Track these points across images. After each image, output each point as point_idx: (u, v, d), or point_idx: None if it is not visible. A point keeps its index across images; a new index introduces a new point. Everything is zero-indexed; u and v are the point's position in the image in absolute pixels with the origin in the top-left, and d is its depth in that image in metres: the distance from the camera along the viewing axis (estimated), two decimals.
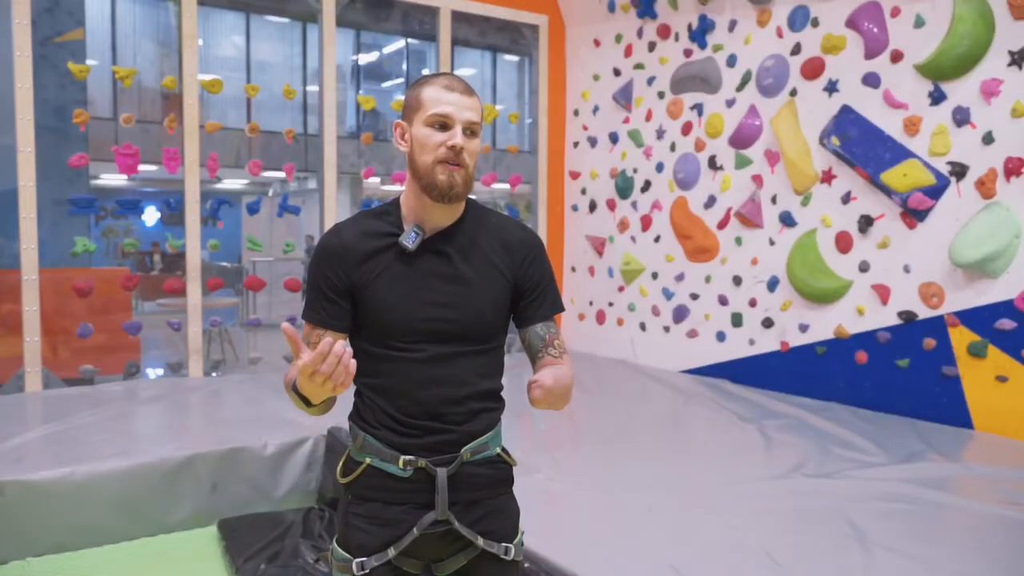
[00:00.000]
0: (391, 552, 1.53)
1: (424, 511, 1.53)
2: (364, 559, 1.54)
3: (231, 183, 16.49)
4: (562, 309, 1.66)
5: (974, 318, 4.08)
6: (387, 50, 16.69)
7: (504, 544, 1.60)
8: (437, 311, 1.52)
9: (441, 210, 1.54)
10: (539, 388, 1.43)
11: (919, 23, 4.29)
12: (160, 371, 6.18)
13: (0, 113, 5.00)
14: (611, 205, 6.40)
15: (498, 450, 1.63)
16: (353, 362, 1.30)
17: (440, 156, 1.49)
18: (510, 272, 1.59)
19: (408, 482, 1.53)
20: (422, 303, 1.52)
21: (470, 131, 1.51)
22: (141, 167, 5.21)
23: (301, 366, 1.30)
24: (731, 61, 5.37)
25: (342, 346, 1.29)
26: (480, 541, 1.56)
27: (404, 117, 1.57)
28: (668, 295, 5.87)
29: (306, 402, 1.44)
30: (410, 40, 15.56)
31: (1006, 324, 3.95)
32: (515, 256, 1.60)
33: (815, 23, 4.83)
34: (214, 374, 5.57)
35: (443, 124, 1.50)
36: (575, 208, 6.80)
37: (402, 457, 1.52)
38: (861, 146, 4.56)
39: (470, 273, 1.55)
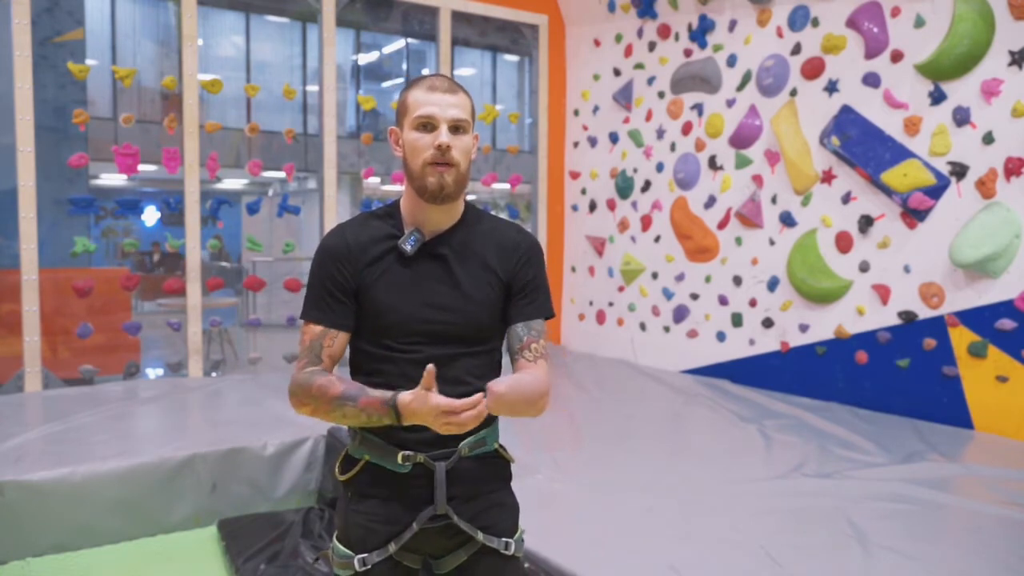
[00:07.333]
0: (392, 547, 1.55)
1: (423, 506, 1.55)
2: (365, 555, 1.55)
3: (231, 183, 16.48)
4: (550, 314, 1.64)
5: (974, 318, 4.08)
6: (387, 50, 16.67)
7: (504, 539, 1.61)
8: (434, 313, 1.54)
9: (438, 212, 1.56)
10: (490, 396, 1.36)
11: (919, 23, 4.29)
12: (160, 371, 6.18)
13: (0, 113, 5.00)
14: (611, 205, 6.39)
15: (495, 446, 1.65)
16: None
17: (428, 158, 1.50)
18: (504, 274, 1.60)
19: (407, 477, 1.54)
20: (420, 305, 1.54)
21: (457, 128, 1.52)
22: (141, 167, 5.20)
23: (443, 405, 1.35)
24: (731, 61, 5.37)
25: (484, 406, 1.37)
26: (480, 536, 1.57)
27: (397, 123, 1.59)
28: (668, 295, 5.87)
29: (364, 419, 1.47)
30: (410, 40, 15.54)
31: (1006, 324, 3.95)
32: (510, 258, 1.61)
33: (815, 23, 4.83)
34: (214, 374, 5.57)
35: (429, 125, 1.51)
36: (575, 208, 6.79)
37: (401, 452, 1.53)
38: (861, 146, 4.56)
39: (466, 276, 1.57)
